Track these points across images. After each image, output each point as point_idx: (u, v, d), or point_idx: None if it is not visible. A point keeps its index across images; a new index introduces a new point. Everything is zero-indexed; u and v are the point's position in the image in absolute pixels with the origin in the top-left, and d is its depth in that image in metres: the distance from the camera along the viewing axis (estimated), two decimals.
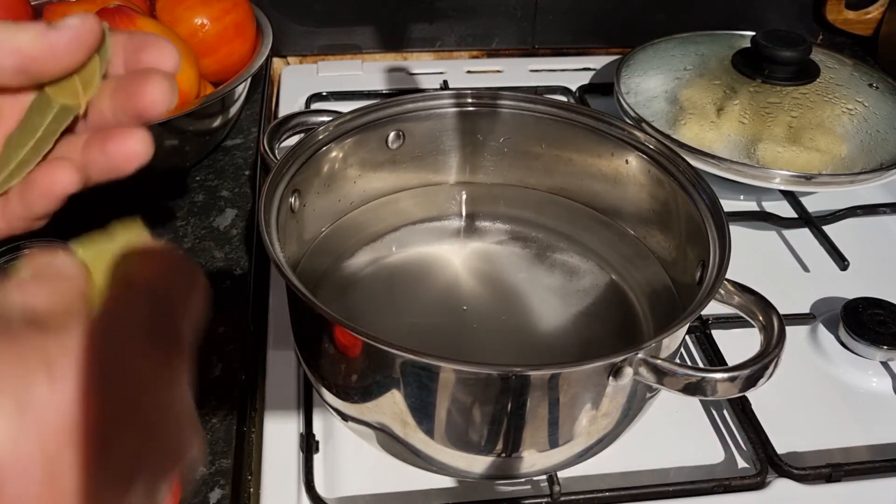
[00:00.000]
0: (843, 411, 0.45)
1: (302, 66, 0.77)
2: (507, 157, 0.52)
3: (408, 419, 0.36)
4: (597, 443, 0.38)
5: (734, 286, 0.38)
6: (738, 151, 0.58)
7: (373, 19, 0.77)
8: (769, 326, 0.36)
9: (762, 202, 0.61)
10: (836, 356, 0.48)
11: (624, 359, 0.33)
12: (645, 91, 0.64)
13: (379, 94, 0.71)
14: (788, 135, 0.59)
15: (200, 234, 0.55)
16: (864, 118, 0.60)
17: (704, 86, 0.63)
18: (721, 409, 0.45)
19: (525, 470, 0.38)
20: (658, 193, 0.46)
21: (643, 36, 0.71)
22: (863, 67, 0.66)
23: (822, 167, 0.57)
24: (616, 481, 0.41)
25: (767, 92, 0.61)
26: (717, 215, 0.41)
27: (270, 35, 0.65)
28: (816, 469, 0.41)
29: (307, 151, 0.45)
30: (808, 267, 0.56)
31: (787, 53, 0.61)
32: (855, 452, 0.43)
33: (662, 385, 0.34)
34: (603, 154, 0.49)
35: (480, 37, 0.79)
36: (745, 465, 0.42)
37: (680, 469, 0.42)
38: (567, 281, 0.47)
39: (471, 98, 0.50)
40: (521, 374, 0.33)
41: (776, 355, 0.35)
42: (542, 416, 0.35)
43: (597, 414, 0.36)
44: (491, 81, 0.75)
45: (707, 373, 0.34)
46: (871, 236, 0.59)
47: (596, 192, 0.51)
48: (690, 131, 0.59)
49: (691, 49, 0.68)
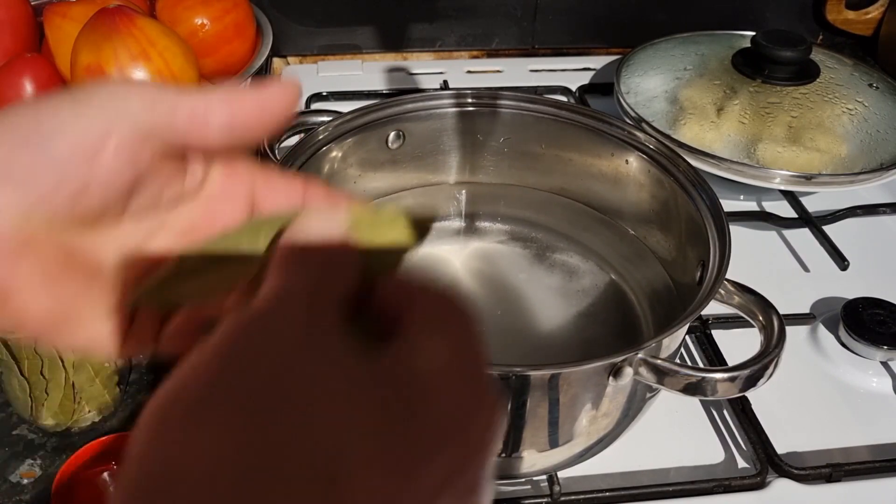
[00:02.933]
0: (843, 411, 0.45)
1: (302, 66, 0.77)
2: (507, 157, 0.52)
3: None
4: (597, 443, 0.38)
5: (734, 286, 0.38)
6: (738, 151, 0.58)
7: (373, 19, 0.77)
8: (769, 326, 0.36)
9: (762, 202, 0.61)
10: (836, 356, 0.48)
11: (624, 359, 0.33)
12: (645, 91, 0.64)
13: (379, 94, 0.71)
14: (788, 135, 0.59)
15: None
16: (864, 118, 0.60)
17: (704, 86, 0.63)
18: (721, 409, 0.45)
19: (525, 470, 0.38)
20: (658, 193, 0.46)
21: (643, 36, 0.71)
22: (863, 67, 0.66)
23: (822, 167, 0.57)
24: (616, 481, 0.41)
25: (767, 92, 0.61)
26: (717, 215, 0.41)
27: (270, 35, 0.65)
28: (816, 469, 0.41)
29: (307, 151, 0.45)
30: (808, 267, 0.56)
31: (788, 53, 0.61)
32: (855, 452, 0.43)
33: (662, 385, 0.34)
34: (603, 154, 0.49)
35: (480, 37, 0.79)
36: (745, 465, 0.42)
37: (680, 469, 0.42)
38: (567, 281, 0.47)
39: (471, 98, 0.50)
40: (521, 375, 0.33)
41: (776, 355, 0.35)
42: (542, 416, 0.35)
43: (597, 414, 0.36)
44: (491, 81, 0.75)
45: (707, 373, 0.34)
46: (871, 236, 0.59)
47: (596, 192, 0.51)
48: (690, 131, 0.59)
49: (691, 49, 0.68)
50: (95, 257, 0.22)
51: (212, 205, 0.23)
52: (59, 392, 0.41)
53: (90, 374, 0.41)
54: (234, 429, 0.16)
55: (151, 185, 0.21)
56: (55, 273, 0.21)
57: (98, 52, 0.51)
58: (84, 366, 0.41)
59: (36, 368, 0.40)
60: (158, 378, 0.45)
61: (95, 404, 0.42)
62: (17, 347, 0.39)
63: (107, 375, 0.42)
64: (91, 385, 0.41)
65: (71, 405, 0.41)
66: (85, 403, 0.42)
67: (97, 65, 0.51)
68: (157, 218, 0.23)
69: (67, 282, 0.21)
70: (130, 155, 0.20)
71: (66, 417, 0.41)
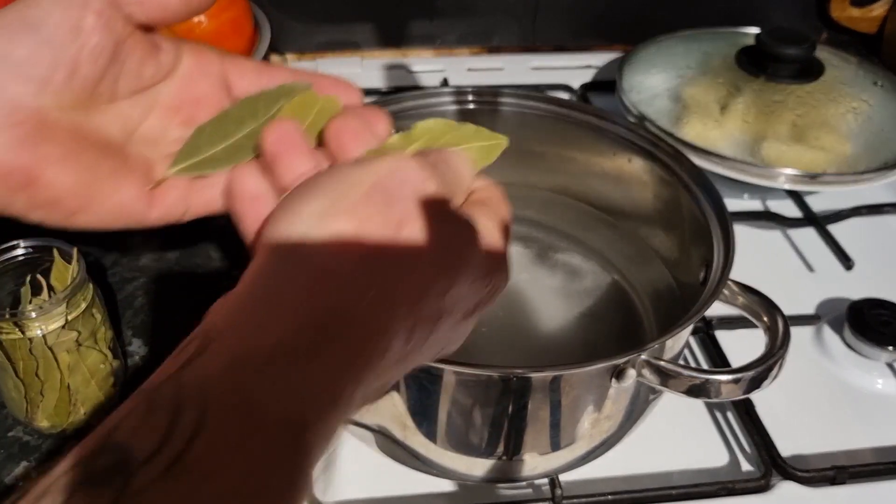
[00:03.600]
0: (847, 413, 0.45)
1: (300, 63, 0.77)
2: (508, 156, 0.51)
3: (407, 422, 0.36)
4: (599, 445, 0.38)
5: (738, 287, 0.37)
6: (742, 150, 0.57)
7: (372, 16, 0.76)
8: (774, 327, 0.36)
9: (766, 201, 0.60)
10: (841, 357, 0.47)
11: (627, 360, 0.33)
12: (648, 89, 0.63)
13: (378, 92, 0.70)
14: (793, 133, 0.58)
15: (197, 233, 0.55)
16: (868, 117, 0.60)
17: (708, 84, 0.62)
18: (725, 411, 0.45)
19: (526, 473, 0.38)
20: (661, 193, 0.46)
21: (646, 33, 0.70)
22: (867, 65, 0.66)
23: (826, 166, 0.56)
24: (618, 484, 0.40)
25: (772, 90, 0.61)
26: (721, 215, 0.40)
27: (268, 32, 0.64)
28: (821, 472, 0.40)
29: None
30: (812, 267, 0.55)
31: (792, 51, 0.60)
32: (860, 455, 0.43)
33: (666, 387, 0.34)
34: (605, 153, 0.48)
35: (481, 34, 0.79)
36: (749, 468, 0.42)
37: (683, 472, 0.42)
38: (569, 281, 0.47)
39: (471, 96, 0.49)
40: (522, 376, 0.33)
41: (780, 357, 0.35)
42: (544, 419, 0.35)
43: (599, 416, 0.36)
44: (492, 79, 0.74)
45: (711, 374, 0.34)
46: (876, 236, 0.58)
47: (598, 192, 0.50)
48: (694, 130, 0.59)
49: (694, 46, 0.68)
50: (104, 134, 0.26)
51: (189, 83, 0.28)
52: (55, 394, 0.40)
53: (86, 375, 0.41)
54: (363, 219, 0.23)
55: (130, 60, 0.26)
56: (71, 150, 0.25)
57: None
58: (80, 367, 0.40)
59: (31, 370, 0.39)
60: None
61: (91, 406, 0.41)
62: (12, 348, 0.39)
63: (102, 377, 0.42)
64: (87, 387, 0.41)
65: (66, 407, 0.41)
66: (80, 405, 0.41)
67: None
68: (146, 98, 0.27)
69: (84, 157, 0.25)
70: (107, 22, 0.24)
71: (61, 419, 0.41)
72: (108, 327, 0.42)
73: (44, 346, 0.38)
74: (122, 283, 0.50)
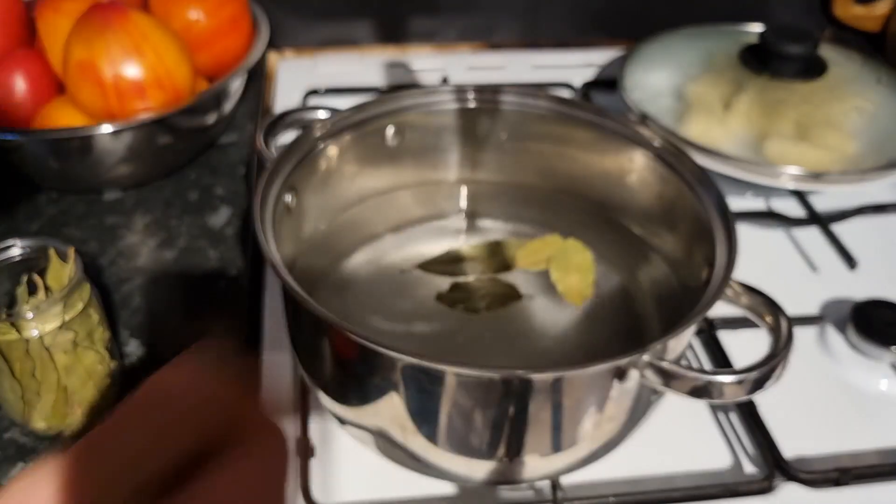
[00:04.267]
0: (851, 414, 0.45)
1: (299, 60, 0.76)
2: (509, 154, 0.51)
3: (407, 423, 0.35)
4: (601, 447, 0.38)
5: (741, 287, 0.37)
6: (745, 148, 0.57)
7: (372, 12, 0.76)
8: (777, 328, 0.35)
9: (770, 201, 0.60)
10: (845, 358, 0.47)
11: (629, 361, 0.33)
12: (650, 87, 0.63)
13: (378, 90, 0.70)
14: (796, 132, 0.58)
15: (194, 233, 0.54)
16: (872, 115, 0.59)
17: (711, 81, 0.62)
18: (728, 412, 0.44)
19: (527, 475, 0.37)
20: (664, 192, 0.45)
21: (648, 29, 0.70)
22: (871, 63, 0.65)
23: (830, 165, 0.56)
24: (620, 486, 0.40)
25: (775, 88, 0.60)
26: (724, 214, 0.40)
27: (267, 29, 0.64)
28: (825, 473, 0.40)
29: (304, 148, 0.44)
30: (816, 267, 0.55)
31: (796, 49, 0.60)
32: (864, 456, 0.42)
33: (669, 388, 0.33)
34: (607, 151, 0.48)
35: (481, 30, 0.78)
36: (752, 470, 0.41)
37: (686, 474, 0.41)
38: None
39: (472, 94, 0.49)
40: (523, 378, 0.33)
41: (784, 357, 0.34)
42: (545, 420, 0.34)
43: (601, 418, 0.35)
44: (492, 77, 0.74)
45: (714, 375, 0.33)
46: (880, 236, 0.58)
47: (600, 191, 0.50)
48: (697, 128, 0.58)
49: (697, 44, 0.67)
50: None
51: None
52: (52, 395, 0.40)
53: (83, 376, 0.40)
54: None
55: None
56: None
57: (90, 48, 0.50)
58: (77, 368, 0.40)
59: (28, 371, 0.39)
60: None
61: (88, 407, 0.41)
62: (8, 349, 0.38)
63: (100, 378, 0.41)
64: (84, 388, 0.41)
65: (63, 408, 0.40)
66: (77, 406, 0.41)
67: (90, 60, 0.50)
68: None
69: None
70: None
71: (58, 421, 0.41)
72: (106, 328, 0.42)
73: (40, 347, 0.38)
74: (119, 284, 0.50)
